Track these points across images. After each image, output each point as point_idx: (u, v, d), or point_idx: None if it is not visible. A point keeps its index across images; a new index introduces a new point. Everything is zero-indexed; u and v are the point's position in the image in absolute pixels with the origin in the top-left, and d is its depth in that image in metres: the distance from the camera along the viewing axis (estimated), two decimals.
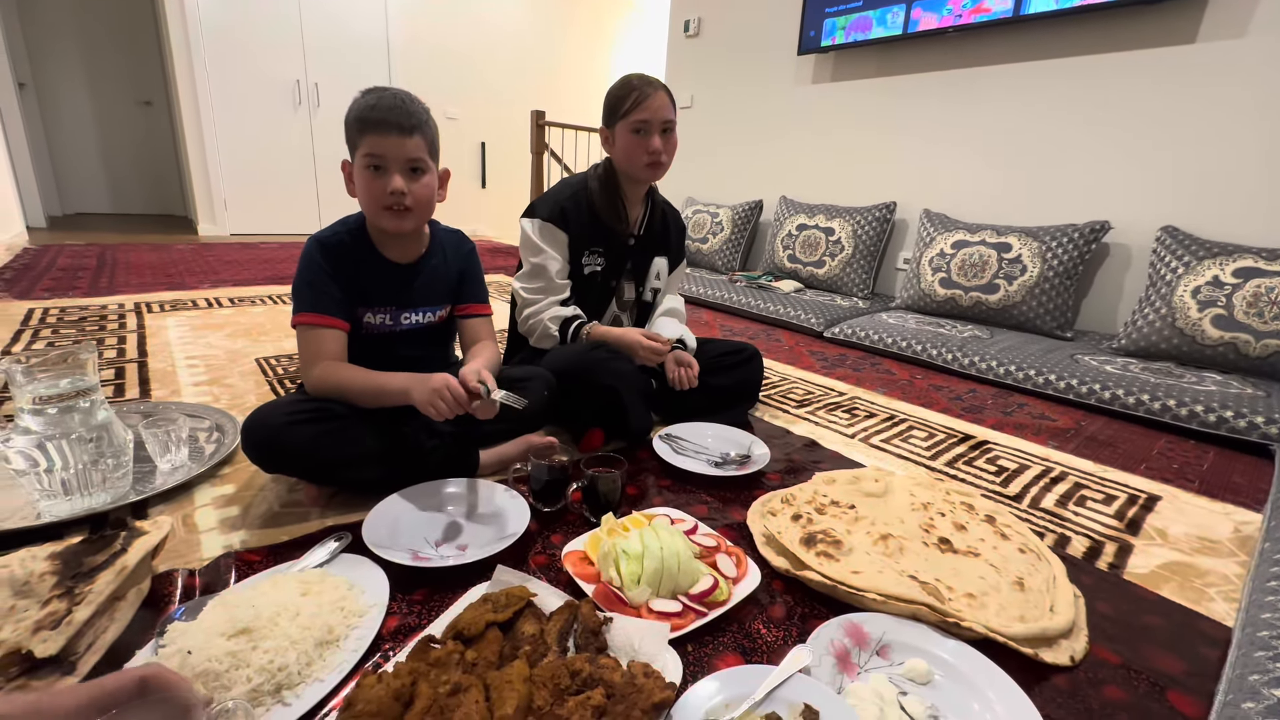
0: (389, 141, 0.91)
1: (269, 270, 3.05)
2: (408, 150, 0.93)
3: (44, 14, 4.64)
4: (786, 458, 1.23)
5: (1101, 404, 1.63)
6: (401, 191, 0.93)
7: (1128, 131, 2.11)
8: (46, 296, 2.22)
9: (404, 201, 0.94)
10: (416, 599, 0.74)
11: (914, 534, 0.91)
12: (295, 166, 4.53)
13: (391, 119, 0.91)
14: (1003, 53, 2.39)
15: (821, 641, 0.67)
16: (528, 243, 1.27)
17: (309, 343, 0.96)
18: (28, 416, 0.83)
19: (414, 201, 0.95)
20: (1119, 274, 2.19)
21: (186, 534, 0.85)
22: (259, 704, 0.56)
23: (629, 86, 1.22)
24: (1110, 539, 1.00)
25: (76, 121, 4.99)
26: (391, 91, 0.93)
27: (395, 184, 0.92)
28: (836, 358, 2.07)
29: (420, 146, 0.94)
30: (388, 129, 0.91)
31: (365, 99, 0.92)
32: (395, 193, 0.92)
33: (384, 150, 0.92)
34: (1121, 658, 0.72)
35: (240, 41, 4.11)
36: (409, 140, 0.92)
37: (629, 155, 1.24)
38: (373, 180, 0.93)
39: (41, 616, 0.60)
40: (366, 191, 0.94)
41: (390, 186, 0.92)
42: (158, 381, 1.45)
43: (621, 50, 6.08)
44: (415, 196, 0.95)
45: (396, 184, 0.92)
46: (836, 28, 2.78)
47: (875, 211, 2.74)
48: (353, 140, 0.94)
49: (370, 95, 0.93)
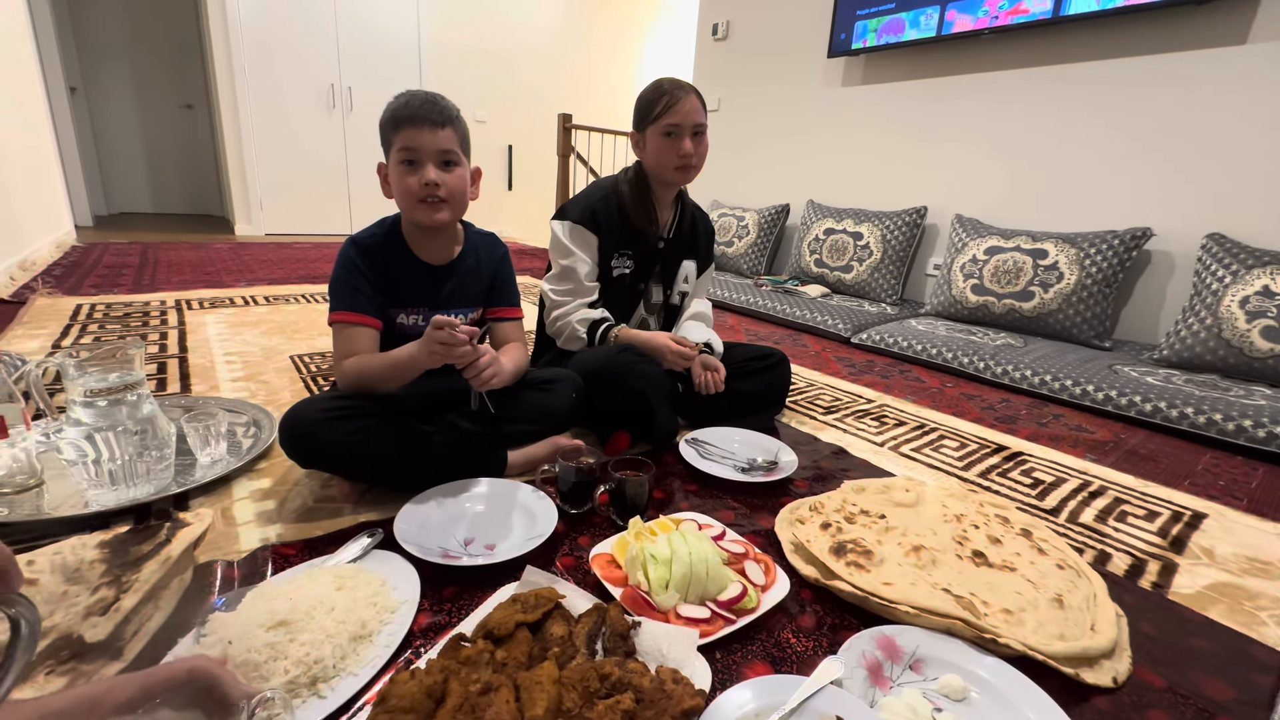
0: (422, 134, 0.94)
1: (302, 269, 3.12)
2: (440, 142, 0.95)
3: (95, 21, 4.84)
4: (814, 465, 1.22)
5: (1142, 416, 1.58)
6: (435, 183, 0.95)
7: (1172, 136, 2.04)
8: (93, 293, 2.30)
9: (438, 193, 0.96)
10: (446, 597, 0.75)
11: (947, 546, 0.89)
12: (328, 168, 4.64)
13: (423, 113, 0.93)
14: (1040, 55, 2.33)
15: (853, 653, 0.66)
16: (558, 245, 1.27)
17: (343, 340, 0.99)
18: (79, 408, 0.86)
19: (448, 193, 0.97)
20: (1161, 282, 2.12)
21: (225, 526, 0.87)
22: (295, 695, 0.57)
23: (659, 90, 1.22)
24: (1154, 557, 0.97)
25: (122, 124, 5.18)
26: (423, 91, 0.96)
27: (429, 175, 0.95)
28: (864, 364, 2.04)
29: (451, 139, 0.96)
30: (420, 123, 0.93)
31: (398, 99, 0.96)
32: (429, 184, 0.95)
33: (417, 143, 0.94)
34: (1167, 681, 0.69)
35: (278, 47, 4.23)
36: (441, 133, 0.95)
37: (660, 159, 1.24)
38: (407, 174, 0.95)
39: (91, 603, 0.62)
40: (401, 186, 0.97)
41: (424, 178, 0.95)
42: (197, 377, 1.49)
43: (649, 54, 6.09)
44: (449, 188, 0.97)
45: (430, 175, 0.95)
46: (868, 30, 2.75)
47: (905, 216, 2.70)
48: (387, 139, 0.97)
49: (402, 96, 0.96)
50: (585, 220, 1.26)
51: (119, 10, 4.90)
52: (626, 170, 1.32)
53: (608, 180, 1.34)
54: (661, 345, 1.23)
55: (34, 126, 3.14)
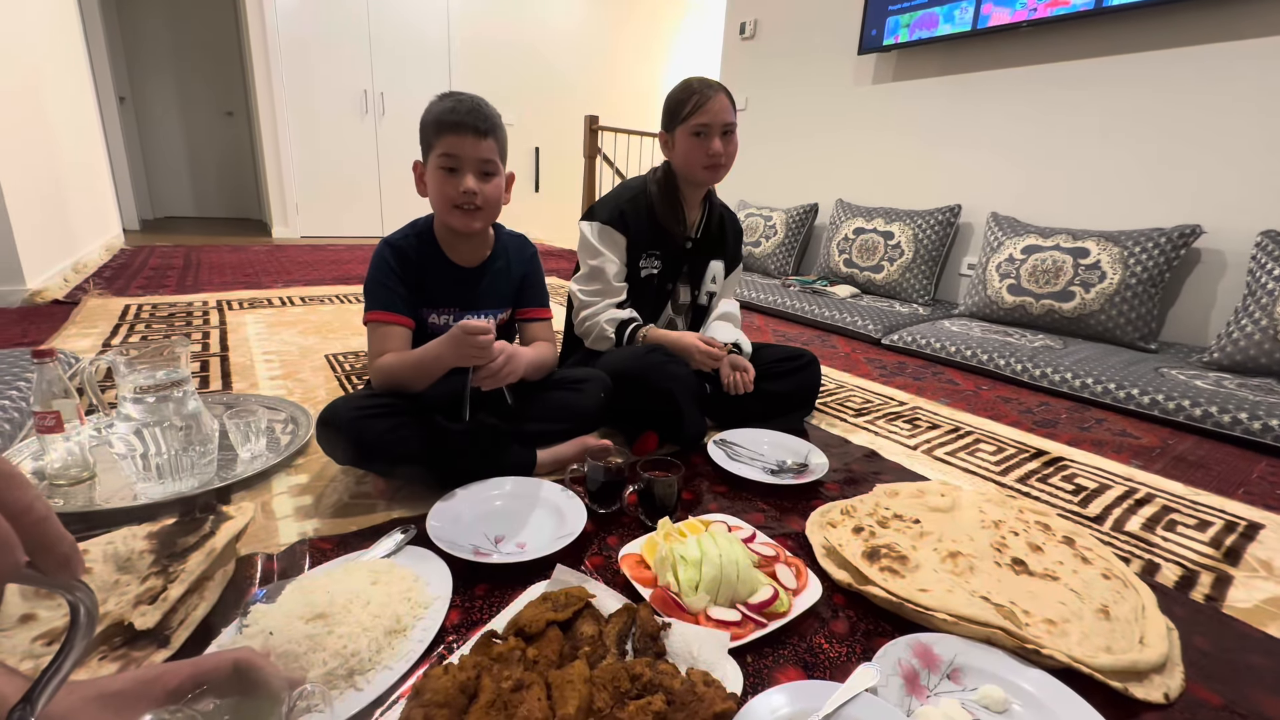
0: (465, 142, 0.95)
1: (336, 270, 3.20)
2: (481, 152, 0.96)
3: (142, 33, 5.05)
4: (845, 468, 1.20)
5: (1191, 421, 1.52)
6: (473, 191, 0.96)
7: (1223, 129, 1.96)
8: (140, 294, 2.40)
9: (474, 201, 0.97)
10: (478, 594, 0.76)
11: (985, 553, 0.87)
12: (361, 172, 4.75)
13: (469, 121, 0.94)
14: (1081, 48, 2.25)
15: (888, 661, 0.65)
16: (586, 245, 1.28)
17: (376, 339, 1.01)
18: (129, 404, 0.90)
19: (483, 201, 0.98)
20: (1211, 282, 2.03)
21: (265, 520, 0.90)
22: (333, 687, 0.58)
23: (689, 90, 1.21)
24: (1206, 568, 0.92)
25: (167, 132, 5.39)
26: (469, 96, 0.97)
27: (468, 184, 0.96)
28: (895, 365, 2.00)
29: (493, 149, 0.98)
30: (464, 130, 0.94)
31: (443, 102, 0.96)
32: (467, 192, 0.96)
33: (459, 151, 0.95)
34: (1223, 699, 0.66)
35: (313, 54, 4.34)
36: (483, 142, 0.96)
37: (689, 158, 1.23)
38: (446, 180, 0.97)
39: (141, 592, 0.65)
40: (439, 190, 0.98)
41: (463, 186, 0.96)
42: (238, 375, 1.54)
43: (676, 54, 6.08)
44: (485, 197, 0.98)
45: (469, 184, 0.96)
46: (900, 25, 2.70)
47: (938, 215, 2.64)
48: (428, 141, 0.98)
49: (448, 99, 0.96)
50: (614, 221, 1.26)
51: (165, 22, 5.10)
52: (655, 170, 1.32)
53: (636, 181, 1.34)
54: (690, 345, 1.23)
55: (87, 136, 3.29)
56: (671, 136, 1.25)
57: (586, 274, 1.29)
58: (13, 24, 2.27)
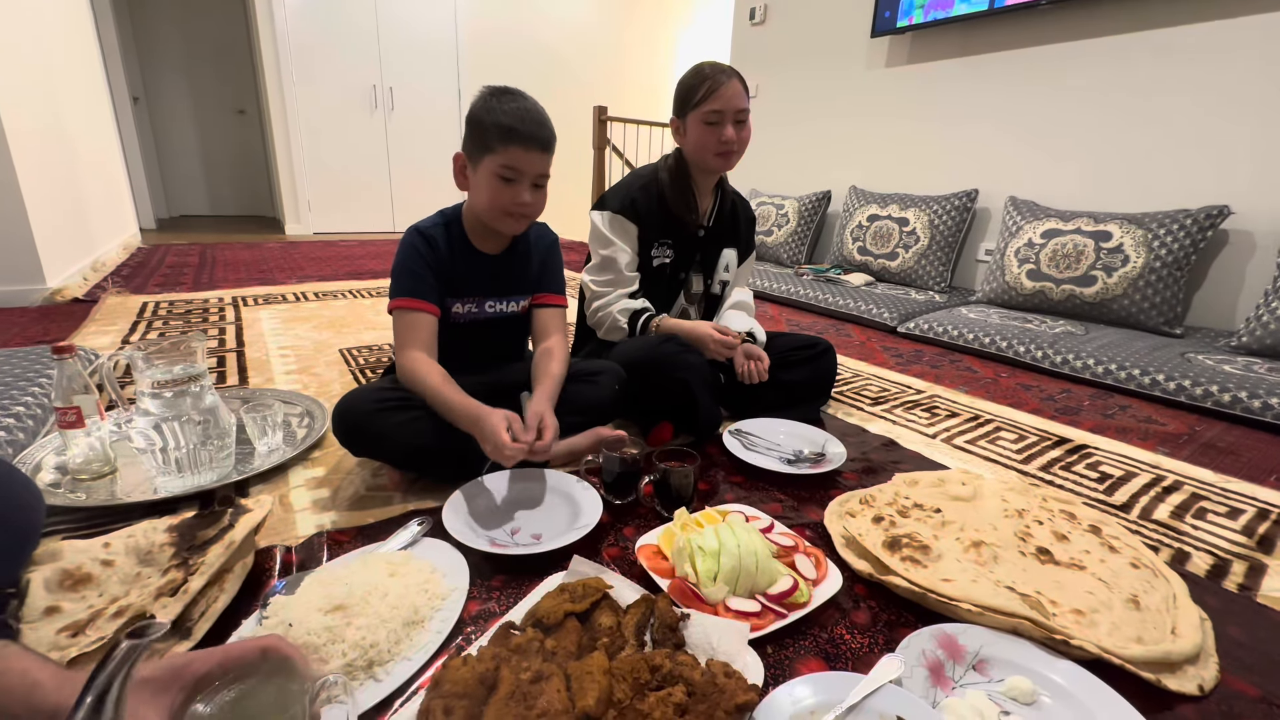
0: (531, 157, 0.94)
1: (348, 266, 3.21)
2: (542, 167, 0.97)
3: (155, 34, 5.08)
4: (863, 457, 1.18)
5: (1220, 407, 1.48)
6: (528, 203, 0.97)
7: (1253, 107, 1.89)
8: (158, 291, 2.42)
9: (527, 211, 0.98)
10: (495, 585, 0.75)
11: (1008, 542, 0.85)
12: (371, 168, 4.76)
13: (539, 135, 0.94)
14: (1102, 25, 2.19)
15: (912, 652, 0.64)
16: (598, 235, 1.27)
17: (403, 326, 0.99)
18: (147, 399, 0.90)
19: (533, 212, 1.00)
20: (1239, 264, 1.97)
21: (283, 513, 0.90)
22: (353, 678, 0.58)
23: (701, 75, 1.19)
24: (1238, 557, 0.90)
25: (181, 131, 5.44)
26: (532, 102, 0.95)
27: (524, 196, 0.96)
28: (912, 354, 1.97)
29: (549, 163, 0.98)
30: (531, 144, 0.93)
31: (505, 105, 0.93)
32: (524, 204, 0.96)
33: (524, 165, 0.94)
34: (1260, 690, 0.64)
35: (322, 51, 4.35)
36: (546, 156, 0.96)
37: (700, 145, 1.21)
38: (503, 189, 0.95)
39: (162, 584, 0.65)
40: (493, 197, 0.96)
41: (521, 199, 0.96)
42: (254, 370, 1.55)
43: (685, 42, 6.02)
44: (536, 208, 0.99)
45: (525, 196, 0.96)
46: (914, 6, 2.64)
47: (954, 200, 2.59)
48: (488, 143, 0.94)
49: (509, 101, 0.93)
50: (625, 210, 1.24)
51: (176, 22, 5.14)
52: (666, 158, 1.30)
53: (647, 169, 1.32)
54: (704, 335, 1.21)
55: (103, 136, 3.32)
56: (683, 123, 1.23)
57: (598, 264, 1.28)
58: (28, 28, 2.29)
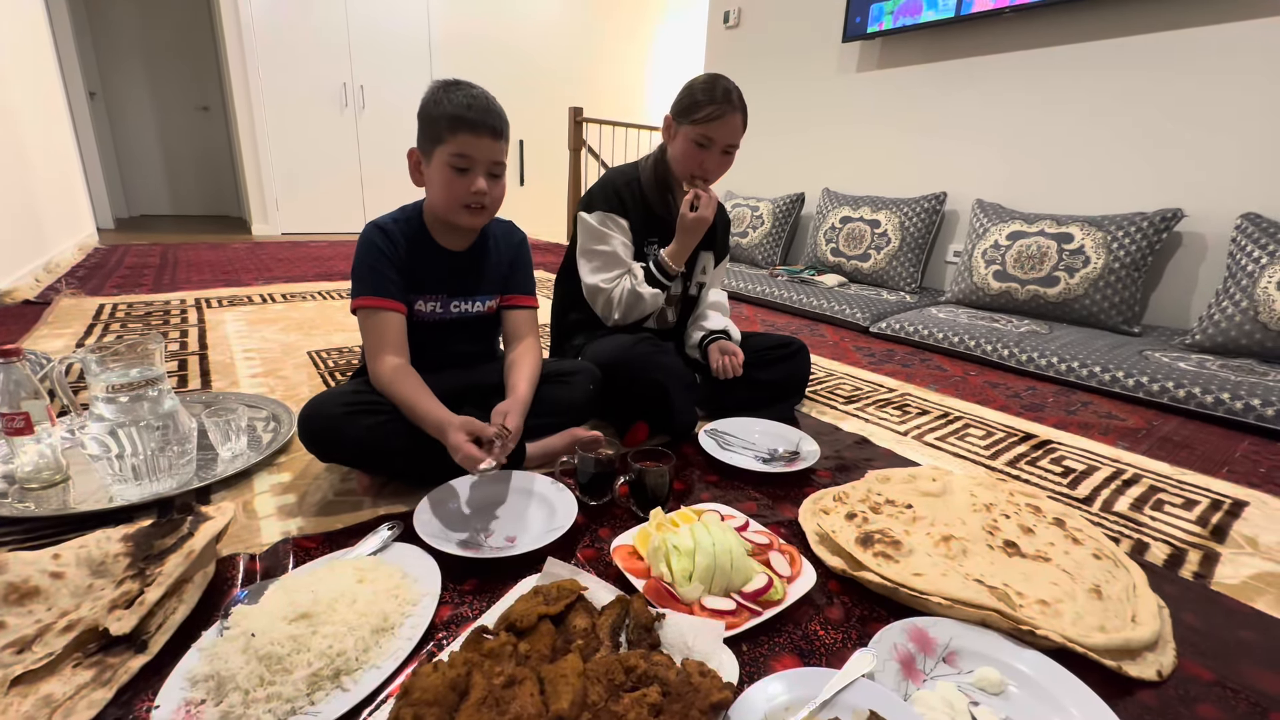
0: (481, 144, 0.91)
1: (318, 267, 3.14)
2: (495, 153, 0.94)
3: (112, 27, 4.91)
4: (837, 455, 1.19)
5: (1175, 403, 1.53)
6: (484, 192, 0.94)
7: (1204, 113, 1.97)
8: (116, 293, 2.34)
9: (484, 201, 0.95)
10: (467, 589, 0.74)
11: (977, 536, 0.87)
12: (342, 167, 4.67)
13: (487, 121, 0.91)
14: (1064, 34, 2.26)
15: (884, 646, 0.64)
16: (592, 233, 1.25)
17: (371, 327, 0.97)
18: (101, 404, 0.87)
19: (491, 202, 0.97)
20: (1192, 265, 2.05)
21: (246, 520, 0.87)
22: (319, 688, 0.56)
23: (711, 96, 1.17)
24: (1194, 546, 0.93)
25: (141, 128, 5.26)
26: (480, 90, 0.93)
27: (480, 185, 0.93)
28: (884, 353, 2.01)
29: (504, 150, 0.95)
30: (482, 131, 0.91)
31: (454, 95, 0.91)
32: (478, 193, 0.93)
33: (475, 152, 0.92)
34: (1215, 674, 0.66)
35: (290, 47, 4.25)
36: (498, 143, 0.93)
37: (684, 159, 1.22)
38: (456, 179, 0.93)
39: (116, 596, 0.62)
40: (447, 189, 0.94)
41: (475, 187, 0.93)
42: (217, 373, 1.50)
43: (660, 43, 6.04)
44: (493, 197, 0.97)
45: (481, 186, 0.93)
46: (884, 13, 2.69)
47: (924, 203, 2.65)
48: (437, 134, 0.92)
49: (459, 93, 0.91)
50: (614, 207, 1.24)
51: (136, 15, 4.97)
52: (647, 158, 1.30)
53: (627, 168, 1.31)
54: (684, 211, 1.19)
55: (56, 132, 3.19)
56: (675, 128, 1.22)
57: (600, 263, 1.25)
58: None
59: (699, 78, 1.21)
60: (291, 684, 0.55)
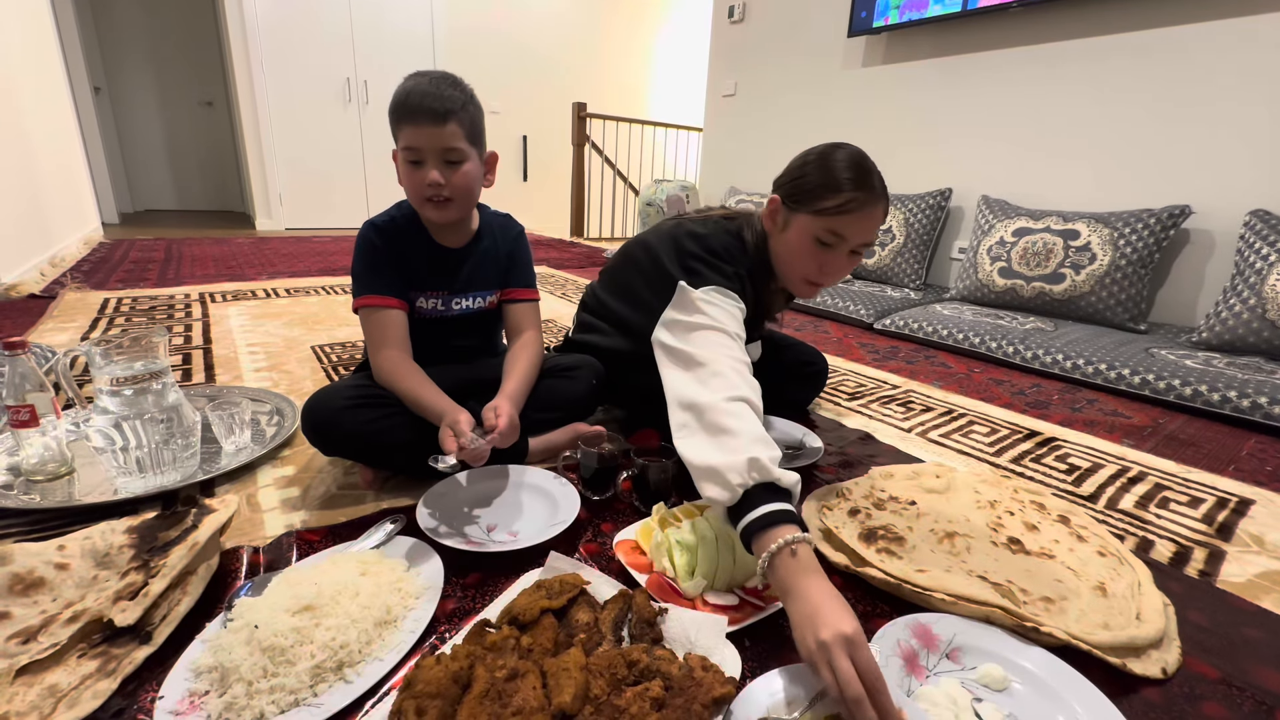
0: (423, 132, 0.89)
1: (321, 262, 3.15)
2: (443, 140, 0.89)
3: (117, 22, 4.91)
4: (840, 451, 1.19)
5: (1181, 400, 1.52)
6: (439, 183, 0.91)
7: (1213, 109, 1.96)
8: (120, 287, 2.34)
9: (442, 193, 0.92)
10: (470, 583, 0.74)
11: (981, 533, 0.86)
12: (345, 162, 4.67)
13: (424, 106, 0.87)
14: (1072, 28, 2.24)
15: (887, 642, 0.64)
16: (695, 308, 0.88)
17: (373, 326, 0.97)
18: (106, 397, 0.87)
19: (453, 192, 0.93)
20: (1200, 262, 2.04)
21: (250, 513, 0.88)
22: (322, 680, 0.57)
23: (849, 180, 0.87)
24: (1199, 544, 0.93)
25: (145, 123, 5.27)
26: (428, 77, 0.90)
27: (431, 177, 0.90)
28: (888, 350, 2.00)
29: (455, 135, 0.90)
30: (420, 119, 0.88)
31: (402, 86, 0.90)
32: (433, 184, 0.91)
33: (419, 142, 0.89)
34: (1220, 672, 0.66)
35: (294, 42, 4.25)
36: (443, 129, 0.89)
37: (799, 258, 0.94)
38: (412, 172, 0.92)
39: (121, 587, 0.63)
40: (408, 183, 0.94)
41: (428, 179, 0.91)
42: (222, 367, 1.51)
43: (664, 39, 6.02)
44: (454, 187, 0.93)
45: (433, 177, 0.90)
46: (890, 7, 2.68)
47: (929, 199, 2.63)
48: (394, 132, 0.92)
49: (407, 81, 0.90)
50: (737, 290, 0.93)
51: (140, 10, 4.97)
52: (746, 238, 1.01)
53: (730, 240, 0.99)
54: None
55: (61, 127, 3.20)
56: (788, 215, 0.94)
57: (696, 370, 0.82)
58: None
59: (829, 151, 0.91)
60: (295, 675, 0.55)
